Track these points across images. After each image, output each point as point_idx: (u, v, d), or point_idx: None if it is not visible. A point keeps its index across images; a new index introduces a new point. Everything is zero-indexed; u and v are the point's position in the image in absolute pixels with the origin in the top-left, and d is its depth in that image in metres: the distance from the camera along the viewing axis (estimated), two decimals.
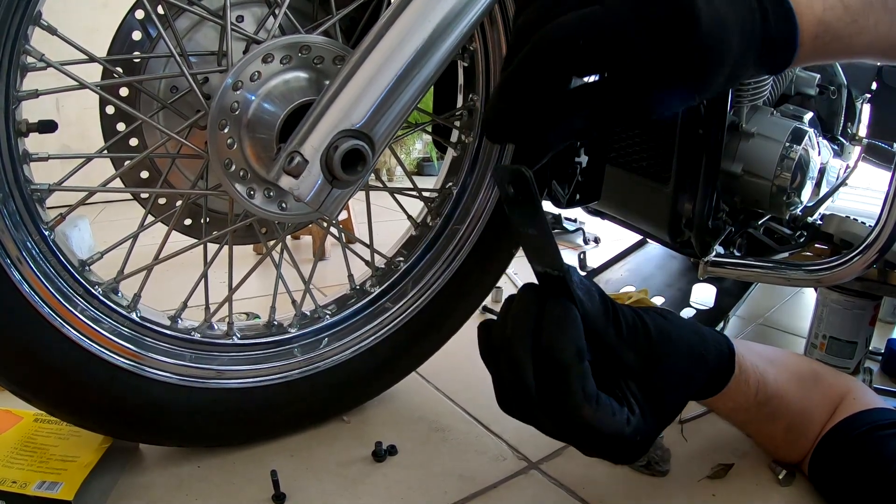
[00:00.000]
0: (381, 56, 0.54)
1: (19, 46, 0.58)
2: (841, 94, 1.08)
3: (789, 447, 0.75)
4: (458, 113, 0.87)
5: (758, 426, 0.73)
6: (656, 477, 0.76)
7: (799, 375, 0.72)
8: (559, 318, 0.46)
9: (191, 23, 0.71)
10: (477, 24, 0.57)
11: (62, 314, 0.64)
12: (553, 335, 0.46)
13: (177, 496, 0.71)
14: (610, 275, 1.34)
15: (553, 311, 0.46)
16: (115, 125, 0.72)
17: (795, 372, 0.73)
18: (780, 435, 0.74)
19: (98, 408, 0.68)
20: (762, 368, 0.67)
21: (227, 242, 0.77)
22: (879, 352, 1.13)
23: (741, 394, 0.66)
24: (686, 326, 0.57)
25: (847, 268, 0.84)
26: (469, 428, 0.86)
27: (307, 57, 0.65)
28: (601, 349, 0.50)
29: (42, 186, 0.64)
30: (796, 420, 0.72)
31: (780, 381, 0.69)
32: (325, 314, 0.85)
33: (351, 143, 0.55)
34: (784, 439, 0.74)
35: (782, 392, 0.69)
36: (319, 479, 0.74)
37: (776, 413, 0.70)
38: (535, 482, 0.75)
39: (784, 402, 0.70)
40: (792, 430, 0.73)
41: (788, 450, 0.75)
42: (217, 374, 0.75)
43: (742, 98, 0.92)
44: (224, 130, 0.64)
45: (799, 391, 0.71)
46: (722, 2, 0.41)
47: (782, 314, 1.42)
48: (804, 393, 0.71)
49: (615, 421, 0.46)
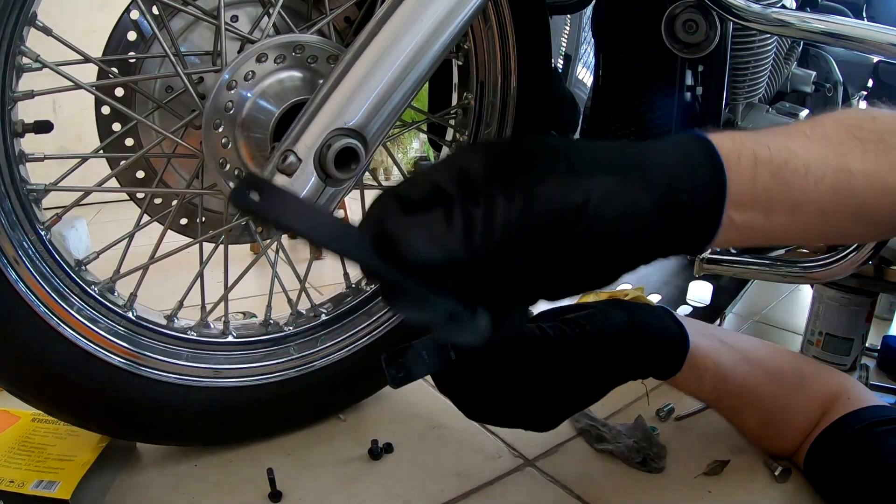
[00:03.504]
0: (374, 55, 0.55)
1: (15, 47, 0.59)
2: (837, 91, 1.08)
3: (770, 441, 0.77)
4: (452, 111, 0.87)
5: (728, 414, 0.78)
6: (652, 474, 0.76)
7: (777, 373, 0.74)
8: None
9: (185, 23, 0.72)
10: (469, 23, 0.57)
11: (59, 314, 0.64)
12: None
13: (174, 495, 0.71)
14: None
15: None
16: (110, 125, 0.72)
17: (773, 369, 0.74)
18: (754, 427, 0.77)
19: (95, 407, 0.69)
20: (727, 365, 0.71)
21: (222, 242, 0.77)
22: (876, 348, 1.13)
23: (693, 385, 0.71)
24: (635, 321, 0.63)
25: (843, 264, 0.84)
26: (465, 426, 0.87)
27: (301, 56, 0.65)
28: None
29: (38, 186, 0.64)
30: (773, 416, 0.74)
31: (750, 378, 0.72)
32: (321, 313, 0.85)
33: (344, 141, 0.55)
34: (760, 432, 0.77)
35: (749, 388, 0.72)
36: (316, 477, 0.75)
37: (744, 407, 0.74)
38: (530, 479, 0.76)
39: (753, 397, 0.73)
40: (768, 425, 0.75)
41: (769, 442, 0.78)
42: (213, 373, 0.76)
43: (738, 95, 0.92)
44: (219, 130, 0.64)
45: (774, 388, 0.73)
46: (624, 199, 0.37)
47: (779, 311, 1.42)
48: (782, 390, 0.73)
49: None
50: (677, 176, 0.39)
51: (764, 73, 0.92)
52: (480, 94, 0.85)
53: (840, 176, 0.45)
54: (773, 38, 0.88)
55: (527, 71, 0.83)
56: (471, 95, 0.85)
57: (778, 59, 0.96)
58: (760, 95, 0.96)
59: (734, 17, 0.77)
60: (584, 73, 1.03)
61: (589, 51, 1.01)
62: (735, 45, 0.84)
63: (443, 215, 0.35)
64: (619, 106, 0.92)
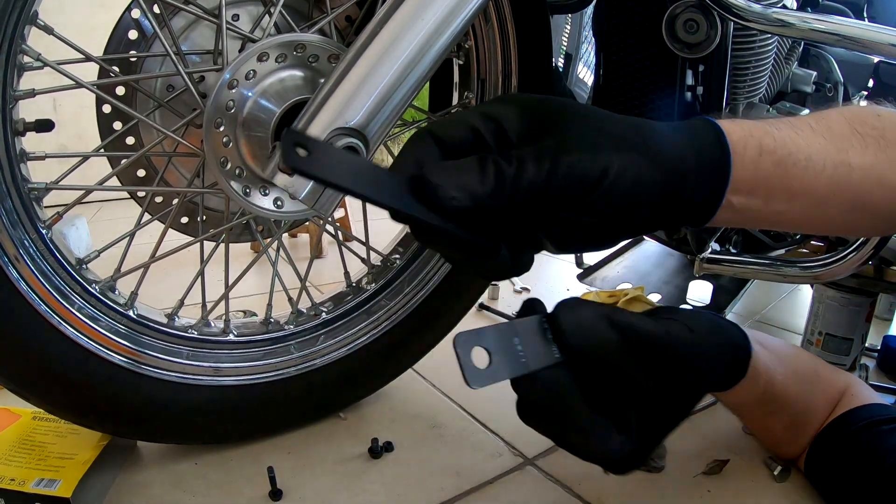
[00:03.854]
0: (375, 54, 0.55)
1: (16, 46, 0.59)
2: (837, 91, 1.08)
3: (788, 443, 0.75)
4: (453, 110, 0.87)
5: (759, 421, 0.74)
6: (652, 473, 0.76)
7: (802, 373, 0.72)
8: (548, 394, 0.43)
9: (186, 21, 0.72)
10: (471, 23, 0.57)
11: (60, 312, 0.64)
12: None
13: (174, 493, 0.71)
14: (607, 272, 1.34)
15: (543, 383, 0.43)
16: (111, 124, 0.72)
17: (799, 370, 0.72)
18: (780, 431, 0.74)
19: (96, 405, 0.69)
20: (772, 368, 0.66)
21: (223, 240, 0.77)
22: (876, 348, 1.13)
23: (748, 392, 0.65)
24: (710, 337, 0.52)
25: (843, 264, 0.84)
26: (465, 424, 0.87)
27: (302, 55, 0.65)
28: (612, 371, 0.45)
29: (39, 185, 0.64)
30: (797, 417, 0.72)
31: (786, 379, 0.69)
32: (322, 311, 0.85)
33: (345, 140, 0.55)
34: (783, 435, 0.74)
35: (786, 390, 0.69)
36: (316, 475, 0.75)
37: (778, 410, 0.70)
38: (530, 478, 0.76)
39: (787, 399, 0.70)
40: (792, 427, 0.73)
41: (787, 445, 0.75)
42: (214, 372, 0.76)
43: (738, 95, 0.92)
44: (220, 129, 0.64)
45: (801, 389, 0.71)
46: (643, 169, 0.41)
47: (778, 311, 1.43)
48: (806, 390, 0.71)
49: (606, 447, 0.45)
50: (685, 159, 0.43)
51: (764, 72, 0.92)
52: (481, 93, 0.85)
53: (839, 169, 0.47)
54: (773, 37, 0.88)
55: (527, 70, 0.83)
56: (471, 94, 0.85)
57: (778, 58, 0.96)
58: (761, 95, 0.96)
59: (735, 17, 0.77)
60: (584, 72, 1.03)
61: (590, 50, 1.01)
62: (736, 44, 0.84)
63: (477, 166, 0.38)
64: (620, 105, 0.92)
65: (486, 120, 0.41)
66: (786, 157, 0.46)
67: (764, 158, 0.45)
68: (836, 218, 0.50)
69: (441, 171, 0.38)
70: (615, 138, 0.41)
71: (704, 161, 0.43)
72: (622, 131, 0.41)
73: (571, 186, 0.39)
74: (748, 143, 0.45)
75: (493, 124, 0.41)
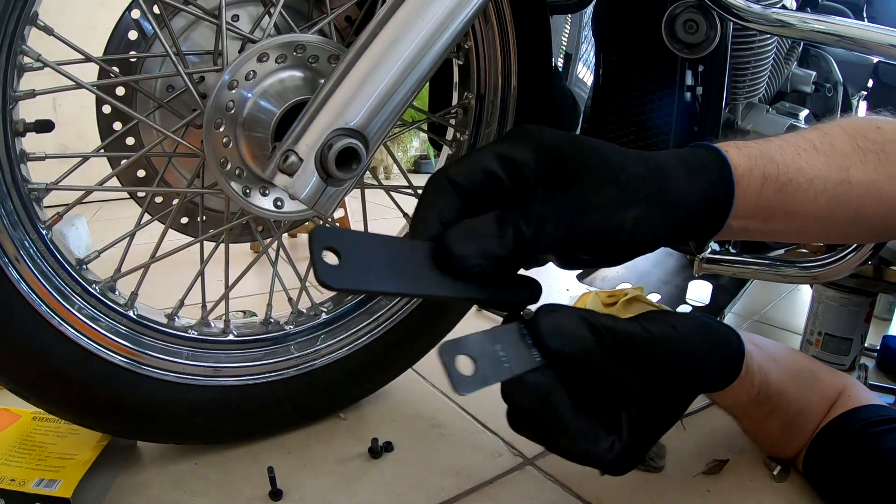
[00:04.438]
0: (375, 55, 0.55)
1: (16, 46, 0.59)
2: (837, 91, 1.09)
3: (784, 444, 0.75)
4: (453, 111, 0.88)
5: (755, 422, 0.74)
6: (651, 473, 0.76)
7: (798, 374, 0.72)
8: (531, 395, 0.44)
9: (186, 22, 0.72)
10: (471, 23, 0.57)
11: (60, 312, 0.64)
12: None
13: (174, 493, 0.71)
14: (606, 272, 1.34)
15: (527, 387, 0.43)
16: (111, 124, 0.72)
17: (795, 370, 0.72)
18: (776, 432, 0.74)
19: (96, 406, 0.69)
20: (767, 368, 0.66)
21: (223, 241, 0.77)
22: (875, 348, 1.13)
23: (743, 392, 0.65)
24: (695, 336, 0.51)
25: (842, 264, 0.84)
26: (465, 424, 0.87)
27: (302, 56, 0.65)
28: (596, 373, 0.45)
29: (39, 186, 0.64)
30: (794, 418, 0.72)
31: (782, 380, 0.69)
32: (322, 311, 0.85)
33: (345, 141, 0.55)
34: (780, 436, 0.74)
35: (782, 390, 0.69)
36: (316, 475, 0.75)
37: (774, 411, 0.70)
38: (530, 478, 0.76)
39: (783, 400, 0.70)
40: (788, 428, 0.73)
41: (784, 446, 0.75)
42: (214, 372, 0.76)
43: (738, 95, 0.92)
44: (220, 129, 0.64)
45: (797, 390, 0.71)
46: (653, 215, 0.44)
47: (778, 311, 1.43)
48: (802, 390, 0.71)
49: (595, 448, 0.45)
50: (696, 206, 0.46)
51: (764, 73, 0.92)
52: (481, 94, 0.85)
53: (839, 188, 0.49)
54: (773, 38, 0.88)
55: (527, 70, 0.83)
56: (471, 95, 0.85)
57: (778, 59, 0.96)
58: (760, 95, 0.96)
59: (734, 18, 0.77)
60: (584, 72, 1.03)
61: (589, 50, 1.01)
62: (735, 45, 0.84)
63: (496, 229, 0.40)
64: (620, 105, 0.92)
65: (502, 162, 0.42)
66: (787, 183, 0.48)
67: (767, 187, 0.47)
68: (834, 232, 0.52)
69: (462, 239, 0.40)
70: (633, 189, 0.43)
71: (711, 201, 0.46)
72: (641, 181, 0.43)
73: (588, 243, 0.42)
74: (753, 173, 0.47)
75: (510, 167, 0.42)
